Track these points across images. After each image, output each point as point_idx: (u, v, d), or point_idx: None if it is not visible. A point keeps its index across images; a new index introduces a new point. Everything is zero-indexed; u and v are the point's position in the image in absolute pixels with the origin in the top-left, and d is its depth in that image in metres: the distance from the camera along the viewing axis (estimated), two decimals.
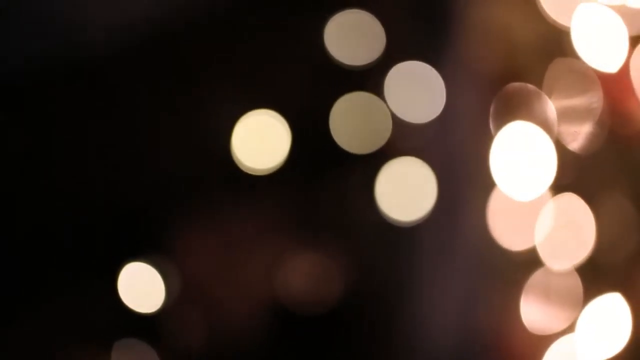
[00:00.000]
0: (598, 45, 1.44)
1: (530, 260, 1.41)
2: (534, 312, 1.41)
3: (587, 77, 1.45)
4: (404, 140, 0.70)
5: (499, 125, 1.41)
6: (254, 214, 0.62)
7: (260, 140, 0.62)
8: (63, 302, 0.52)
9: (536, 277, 1.39)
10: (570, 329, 1.38)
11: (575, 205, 1.46)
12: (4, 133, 0.48)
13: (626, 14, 1.44)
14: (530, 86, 1.40)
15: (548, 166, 1.31)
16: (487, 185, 1.38)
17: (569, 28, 1.41)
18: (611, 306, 1.40)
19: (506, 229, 1.41)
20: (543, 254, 1.40)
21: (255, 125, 0.60)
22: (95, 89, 0.53)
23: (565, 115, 1.45)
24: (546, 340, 1.40)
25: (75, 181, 0.52)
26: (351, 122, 0.67)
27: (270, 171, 0.62)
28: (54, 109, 0.51)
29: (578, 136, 1.45)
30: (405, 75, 0.71)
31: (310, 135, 0.66)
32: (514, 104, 1.41)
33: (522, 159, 1.33)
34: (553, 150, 1.34)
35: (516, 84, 1.43)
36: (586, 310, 1.39)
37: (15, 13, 0.51)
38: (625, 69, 1.44)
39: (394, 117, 0.69)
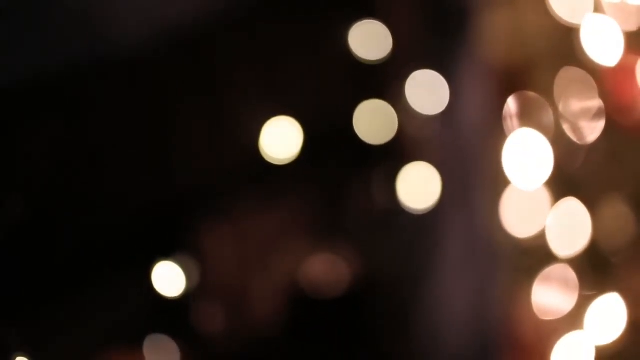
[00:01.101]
0: (600, 41, 1.45)
1: (538, 248, 1.43)
2: (543, 301, 1.42)
3: (594, 73, 1.46)
4: (418, 131, 0.71)
5: (510, 122, 1.43)
6: (277, 207, 0.63)
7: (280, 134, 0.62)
8: (102, 294, 0.54)
9: (545, 267, 1.40)
10: (578, 324, 1.40)
11: (577, 197, 1.48)
12: (41, 133, 0.48)
13: (624, 10, 1.45)
14: (534, 93, 1.42)
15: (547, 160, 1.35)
16: (498, 177, 1.39)
17: (577, 26, 1.42)
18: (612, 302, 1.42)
19: (515, 218, 1.42)
20: (550, 241, 1.42)
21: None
22: (126, 90, 0.53)
23: (573, 111, 1.46)
24: (555, 333, 1.41)
25: (111, 180, 0.53)
26: (373, 120, 0.67)
27: (292, 159, 0.62)
28: (88, 110, 0.51)
29: (584, 130, 1.47)
30: (421, 78, 0.72)
31: (331, 129, 0.67)
32: (521, 107, 1.42)
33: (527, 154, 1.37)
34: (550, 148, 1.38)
35: (522, 92, 1.44)
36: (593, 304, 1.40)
37: (50, 14, 0.52)
38: (623, 63, 1.45)
39: (410, 110, 0.70)
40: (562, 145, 1.46)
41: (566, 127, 1.45)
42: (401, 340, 0.93)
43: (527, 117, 1.43)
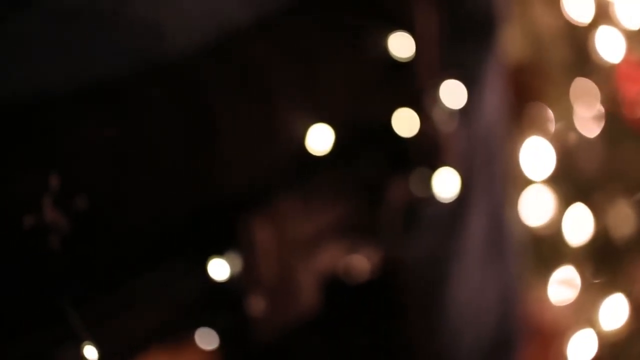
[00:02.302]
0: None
1: (551, 237, 1.44)
2: (558, 290, 1.43)
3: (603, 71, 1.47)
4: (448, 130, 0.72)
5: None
6: (318, 201, 0.64)
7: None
8: (159, 285, 0.55)
9: (558, 255, 1.42)
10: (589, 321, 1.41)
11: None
12: (104, 133, 0.49)
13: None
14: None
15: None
16: (515, 170, 1.40)
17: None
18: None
19: (530, 208, 1.43)
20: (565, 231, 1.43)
21: None
22: (179, 94, 0.54)
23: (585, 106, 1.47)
24: (569, 328, 1.42)
25: (168, 178, 0.54)
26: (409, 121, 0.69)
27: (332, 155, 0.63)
28: (145, 112, 0.52)
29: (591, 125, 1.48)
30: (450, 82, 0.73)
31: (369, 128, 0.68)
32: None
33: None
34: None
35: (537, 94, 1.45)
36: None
37: (107, 18, 0.53)
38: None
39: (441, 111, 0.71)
40: (570, 142, 1.48)
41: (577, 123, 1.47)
42: (428, 322, 0.94)
43: (539, 118, 1.45)
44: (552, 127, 1.44)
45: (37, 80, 0.50)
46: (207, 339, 0.61)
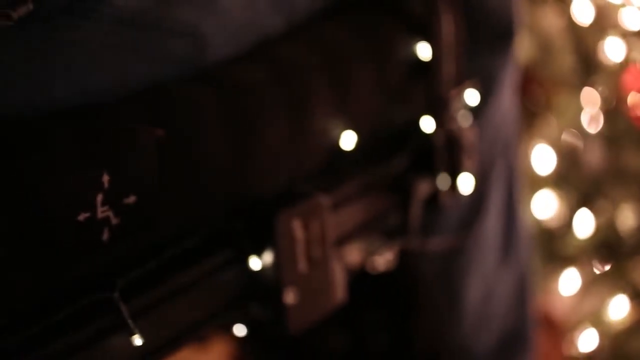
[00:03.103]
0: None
1: (560, 230, 1.45)
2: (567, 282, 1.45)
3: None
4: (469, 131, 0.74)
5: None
6: (350, 197, 0.66)
7: None
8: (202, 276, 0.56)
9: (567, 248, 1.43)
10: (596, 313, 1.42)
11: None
12: (151, 134, 0.51)
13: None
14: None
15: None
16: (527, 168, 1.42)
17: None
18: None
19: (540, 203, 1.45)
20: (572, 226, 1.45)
21: None
22: (220, 98, 0.56)
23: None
24: (577, 320, 1.43)
25: (213, 178, 0.55)
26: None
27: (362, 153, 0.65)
28: (191, 114, 0.54)
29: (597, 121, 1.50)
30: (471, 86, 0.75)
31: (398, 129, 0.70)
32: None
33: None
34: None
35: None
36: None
37: (154, 25, 0.54)
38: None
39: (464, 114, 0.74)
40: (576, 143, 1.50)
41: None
42: (448, 314, 0.95)
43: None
44: (558, 127, 1.46)
45: (91, 85, 0.52)
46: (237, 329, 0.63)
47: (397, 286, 0.91)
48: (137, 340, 0.52)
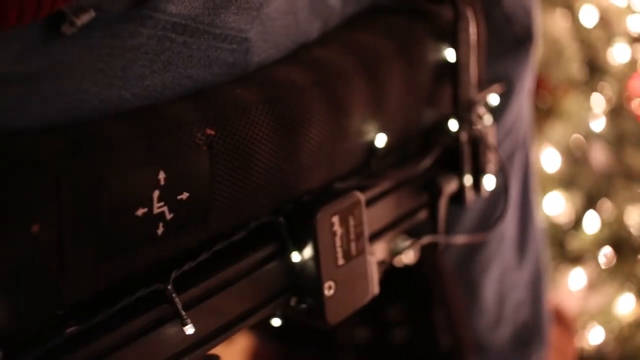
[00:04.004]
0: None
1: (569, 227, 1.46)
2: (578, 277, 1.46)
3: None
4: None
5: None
6: (382, 196, 0.68)
7: None
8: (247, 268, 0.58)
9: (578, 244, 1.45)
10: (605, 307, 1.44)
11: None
12: (203, 134, 0.53)
13: None
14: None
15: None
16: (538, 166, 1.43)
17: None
18: None
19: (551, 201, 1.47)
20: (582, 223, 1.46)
21: None
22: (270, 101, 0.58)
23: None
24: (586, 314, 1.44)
25: (260, 177, 0.57)
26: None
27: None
28: (238, 116, 0.55)
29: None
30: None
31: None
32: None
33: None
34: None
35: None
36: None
37: (204, 32, 0.55)
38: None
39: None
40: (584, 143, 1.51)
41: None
42: (469, 305, 0.97)
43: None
44: (566, 129, 1.47)
45: (146, 87, 0.54)
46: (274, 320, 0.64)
47: (418, 280, 0.92)
48: (189, 329, 0.53)
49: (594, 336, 1.43)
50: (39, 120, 0.49)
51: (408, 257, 0.72)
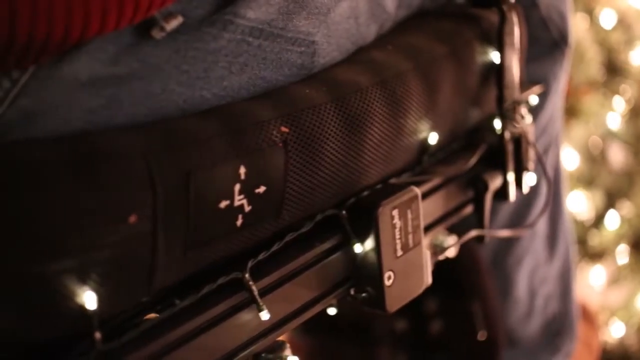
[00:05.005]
0: None
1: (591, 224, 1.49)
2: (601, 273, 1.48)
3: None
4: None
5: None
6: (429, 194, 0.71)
7: None
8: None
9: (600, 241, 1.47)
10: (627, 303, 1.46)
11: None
12: (277, 132, 0.55)
13: None
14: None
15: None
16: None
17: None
18: None
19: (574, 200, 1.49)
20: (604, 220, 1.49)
21: None
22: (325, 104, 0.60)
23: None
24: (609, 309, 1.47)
25: (327, 173, 0.59)
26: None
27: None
28: (309, 115, 0.58)
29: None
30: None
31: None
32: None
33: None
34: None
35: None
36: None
37: (276, 35, 0.58)
38: None
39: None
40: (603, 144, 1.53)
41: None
42: (502, 298, 0.99)
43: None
44: (586, 129, 1.50)
45: (225, 87, 0.57)
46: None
47: (457, 273, 0.95)
48: (265, 315, 0.56)
49: (616, 330, 1.45)
50: (129, 119, 0.52)
51: (450, 251, 0.75)
